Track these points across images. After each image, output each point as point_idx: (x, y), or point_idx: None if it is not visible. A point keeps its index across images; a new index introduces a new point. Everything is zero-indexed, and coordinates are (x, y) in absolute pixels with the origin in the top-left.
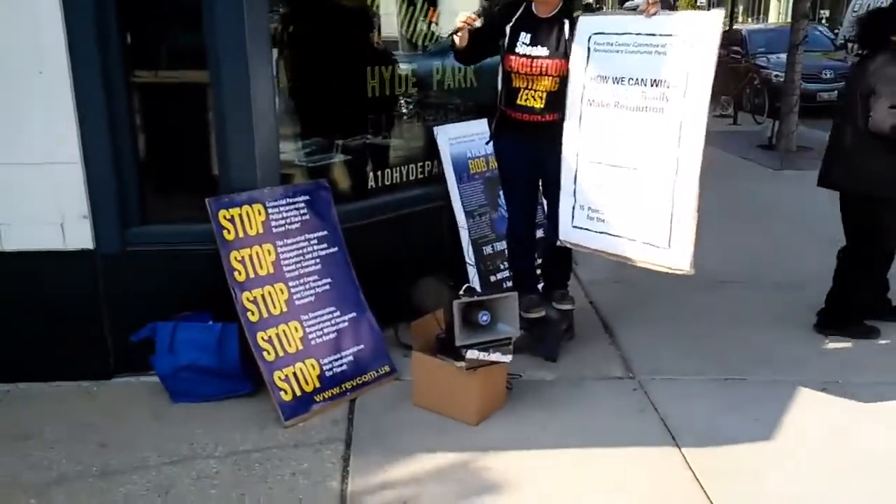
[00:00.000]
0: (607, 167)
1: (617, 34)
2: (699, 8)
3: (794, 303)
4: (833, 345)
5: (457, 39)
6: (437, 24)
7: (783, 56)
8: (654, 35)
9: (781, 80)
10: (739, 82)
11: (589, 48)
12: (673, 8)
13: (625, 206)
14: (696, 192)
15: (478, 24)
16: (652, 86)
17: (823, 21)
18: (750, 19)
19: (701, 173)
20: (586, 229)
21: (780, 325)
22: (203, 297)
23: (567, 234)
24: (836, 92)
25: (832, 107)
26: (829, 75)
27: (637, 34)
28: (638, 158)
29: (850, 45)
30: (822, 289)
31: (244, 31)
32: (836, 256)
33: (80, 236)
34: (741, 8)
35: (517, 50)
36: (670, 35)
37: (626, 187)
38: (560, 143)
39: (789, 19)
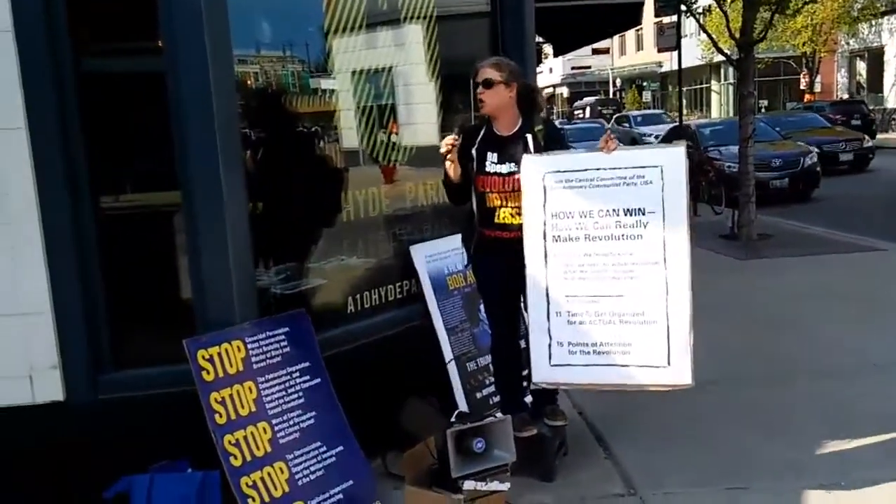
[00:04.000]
0: (586, 299)
1: (576, 171)
2: (645, 106)
3: (784, 401)
4: (829, 445)
5: (449, 169)
6: (397, 134)
7: (733, 147)
8: (618, 168)
9: (734, 170)
10: (695, 175)
11: (545, 187)
12: (620, 106)
13: (612, 335)
14: (690, 308)
15: (458, 144)
16: (626, 214)
17: (763, 110)
18: (696, 112)
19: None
20: (569, 365)
21: (774, 425)
22: (180, 444)
23: (544, 375)
24: (786, 180)
25: (784, 193)
26: (778, 163)
27: (598, 169)
28: (621, 286)
29: None
30: (806, 387)
31: (217, 154)
32: None
33: (49, 388)
34: (684, 102)
35: (487, 169)
36: (639, 167)
37: (611, 316)
38: None
39: (731, 111)
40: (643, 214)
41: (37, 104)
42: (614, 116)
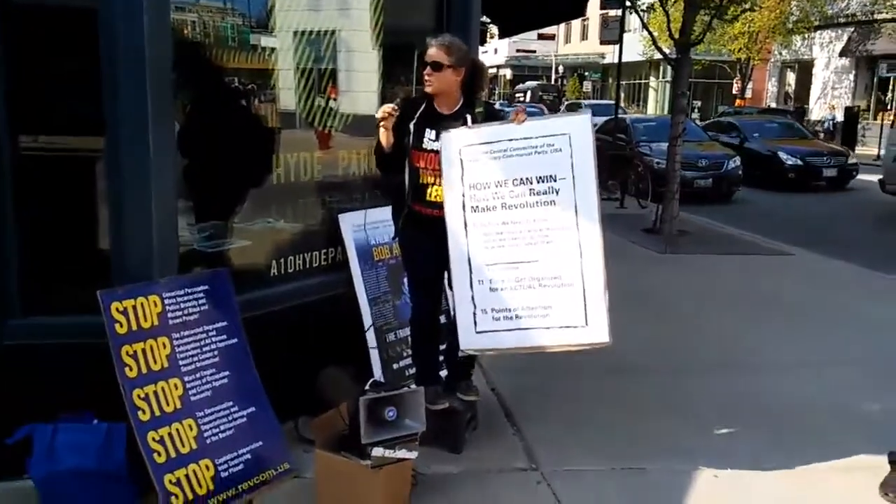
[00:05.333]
0: (505, 266)
1: (489, 143)
2: (585, 95)
3: (685, 390)
4: (722, 432)
5: (382, 137)
6: (336, 100)
7: (663, 144)
8: (529, 138)
9: (663, 167)
10: (625, 168)
11: (461, 160)
12: (561, 93)
13: (532, 299)
14: (603, 268)
15: (396, 114)
16: (539, 182)
17: (696, 111)
18: (634, 107)
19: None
20: (494, 331)
21: (673, 412)
22: (89, 396)
23: (471, 341)
24: (710, 180)
25: (707, 193)
26: (704, 164)
27: (511, 140)
28: (537, 251)
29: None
30: (706, 378)
31: (146, 99)
32: None
33: None
34: (623, 95)
35: (424, 146)
36: (548, 136)
37: (530, 281)
38: None
39: (666, 108)
40: (554, 181)
41: None
42: (566, 103)
